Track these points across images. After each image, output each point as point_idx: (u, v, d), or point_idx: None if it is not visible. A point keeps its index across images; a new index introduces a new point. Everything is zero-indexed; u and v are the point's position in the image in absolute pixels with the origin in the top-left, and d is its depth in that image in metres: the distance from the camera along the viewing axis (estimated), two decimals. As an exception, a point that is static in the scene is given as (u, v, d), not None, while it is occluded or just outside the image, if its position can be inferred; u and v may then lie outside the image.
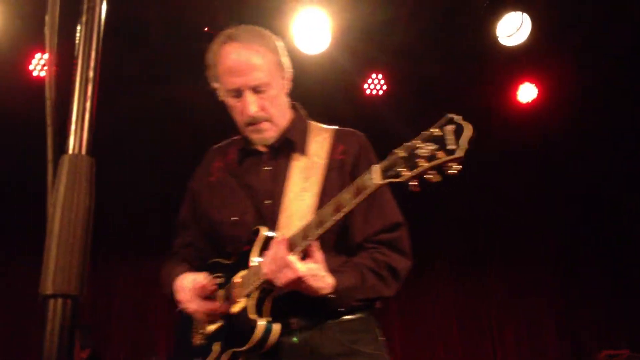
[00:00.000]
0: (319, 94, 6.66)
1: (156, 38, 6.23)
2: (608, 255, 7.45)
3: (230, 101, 2.24)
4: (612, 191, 7.32)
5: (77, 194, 0.90)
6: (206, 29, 6.38)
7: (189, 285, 2.19)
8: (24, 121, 6.18)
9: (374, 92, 6.91)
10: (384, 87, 6.92)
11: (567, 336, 7.25)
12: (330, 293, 1.99)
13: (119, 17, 5.38)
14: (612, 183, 7.30)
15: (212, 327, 2.20)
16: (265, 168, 2.24)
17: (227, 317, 2.13)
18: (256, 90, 2.16)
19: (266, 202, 2.19)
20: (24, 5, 5.64)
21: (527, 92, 7.16)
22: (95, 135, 0.94)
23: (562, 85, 6.97)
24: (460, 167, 1.71)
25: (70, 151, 0.93)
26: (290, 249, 1.94)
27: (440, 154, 1.71)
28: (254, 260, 2.09)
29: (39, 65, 6.31)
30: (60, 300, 0.87)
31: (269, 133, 2.23)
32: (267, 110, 2.18)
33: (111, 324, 6.67)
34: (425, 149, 1.73)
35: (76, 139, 0.93)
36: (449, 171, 1.71)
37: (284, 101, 2.27)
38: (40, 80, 6.31)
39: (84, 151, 0.93)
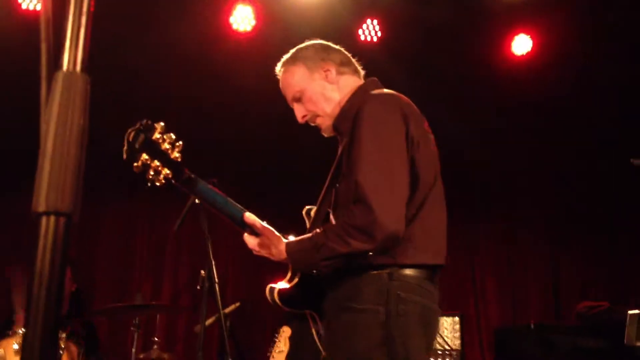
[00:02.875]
0: (313, 37, 6.58)
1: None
2: (599, 212, 7.51)
3: None
4: (606, 146, 7.33)
5: (71, 112, 0.88)
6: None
7: None
8: (12, 55, 6.10)
9: (369, 38, 6.83)
10: (379, 34, 6.84)
11: (548, 288, 7.38)
12: (287, 259, 2.32)
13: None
14: (606, 138, 7.31)
15: None
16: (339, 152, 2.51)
17: None
18: (296, 99, 2.58)
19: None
20: None
21: (521, 44, 7.10)
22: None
23: (558, 37, 6.92)
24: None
25: (65, 68, 0.91)
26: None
27: None
28: None
29: (28, -2, 6.18)
30: (53, 218, 0.86)
31: (324, 125, 2.57)
32: (310, 110, 2.55)
33: (96, 262, 6.70)
34: None
35: (71, 56, 0.90)
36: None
37: (326, 92, 2.54)
38: (28, 14, 6.19)
39: (78, 68, 0.91)
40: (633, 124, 6.97)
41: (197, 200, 4.56)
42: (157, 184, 2.16)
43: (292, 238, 2.39)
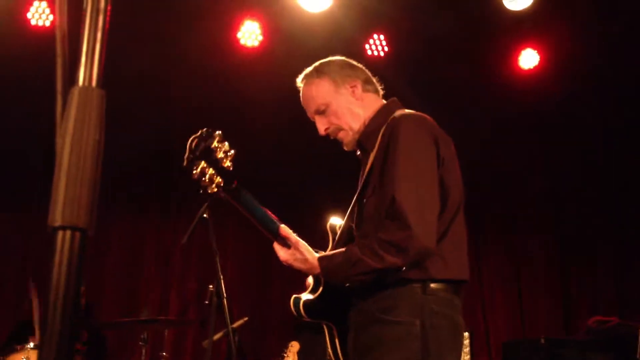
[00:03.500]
0: (319, 53, 6.60)
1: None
2: (606, 224, 7.48)
3: None
4: (612, 158, 7.31)
5: (87, 127, 0.88)
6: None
7: None
8: (22, 71, 6.15)
9: (376, 52, 6.86)
10: (386, 48, 6.86)
11: (558, 303, 7.32)
12: (320, 273, 2.37)
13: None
14: (612, 150, 7.28)
15: None
16: (363, 168, 2.56)
17: None
18: (319, 112, 2.58)
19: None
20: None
21: (528, 59, 7.12)
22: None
23: (564, 52, 6.93)
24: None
25: (81, 83, 0.91)
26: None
27: None
28: None
29: (37, 13, 6.22)
30: (69, 232, 0.86)
31: (346, 139, 2.59)
32: (334, 123, 2.57)
33: (104, 274, 6.70)
34: None
35: (86, 71, 0.91)
36: None
37: (352, 107, 2.57)
38: (38, 30, 6.23)
39: (94, 83, 0.91)
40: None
41: (205, 215, 4.57)
42: (209, 191, 2.27)
43: (322, 253, 2.46)
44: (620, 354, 5.12)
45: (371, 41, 6.83)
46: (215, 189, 2.26)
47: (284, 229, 2.42)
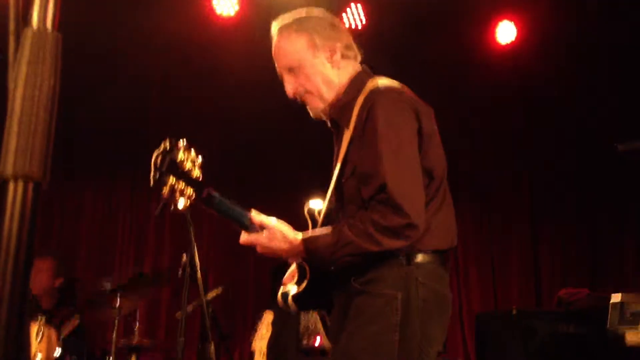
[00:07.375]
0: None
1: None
2: (579, 200, 7.54)
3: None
4: (587, 133, 7.35)
5: (41, 71, 0.82)
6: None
7: None
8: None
9: (353, 24, 6.78)
10: (363, 20, 6.79)
11: (530, 274, 7.40)
12: (304, 254, 2.22)
13: None
14: (591, 127, 7.32)
15: None
16: (337, 144, 2.43)
17: None
18: (289, 70, 2.40)
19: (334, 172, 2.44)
20: None
21: (506, 32, 7.09)
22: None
23: (543, 25, 6.91)
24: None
25: (35, 25, 0.85)
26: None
27: None
28: None
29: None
30: (21, 183, 0.80)
31: (313, 103, 2.42)
32: (303, 85, 2.39)
33: (76, 248, 6.62)
34: None
35: (41, 12, 0.85)
36: None
37: (327, 73, 2.40)
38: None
39: (49, 26, 0.85)
40: (616, 110, 7.00)
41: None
42: (182, 207, 2.13)
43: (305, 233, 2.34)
44: (591, 325, 5.18)
45: (349, 10, 6.75)
46: (188, 203, 2.12)
47: (255, 215, 2.24)
